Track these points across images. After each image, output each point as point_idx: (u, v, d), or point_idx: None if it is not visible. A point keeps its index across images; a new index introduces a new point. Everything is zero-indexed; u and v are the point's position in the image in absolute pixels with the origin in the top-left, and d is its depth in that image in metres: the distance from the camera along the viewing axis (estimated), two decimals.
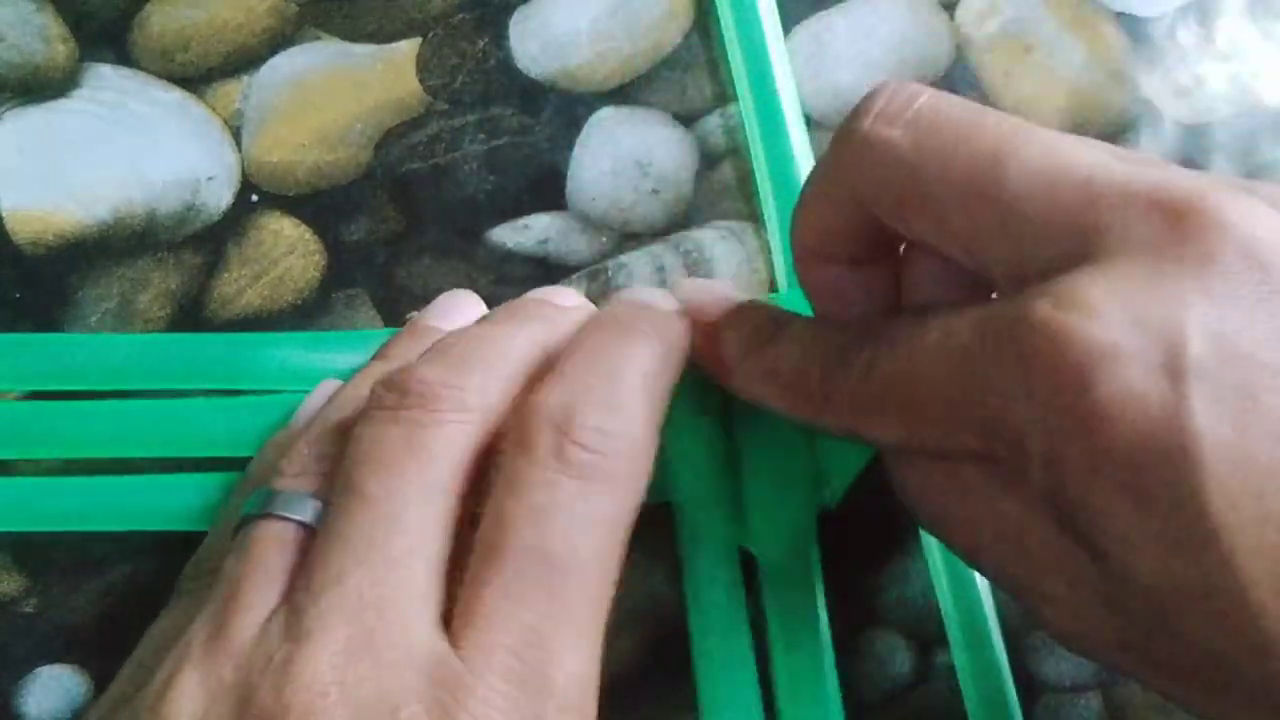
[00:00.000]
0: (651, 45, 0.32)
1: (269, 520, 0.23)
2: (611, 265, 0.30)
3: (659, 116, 0.32)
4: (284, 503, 0.23)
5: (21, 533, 0.28)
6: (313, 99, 0.32)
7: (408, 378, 0.23)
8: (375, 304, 0.30)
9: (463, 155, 0.31)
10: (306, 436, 0.25)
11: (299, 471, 0.24)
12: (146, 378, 0.29)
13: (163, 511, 0.28)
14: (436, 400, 0.23)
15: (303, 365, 0.29)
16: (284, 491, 0.23)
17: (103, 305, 0.30)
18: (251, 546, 0.23)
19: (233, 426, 0.29)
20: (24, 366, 0.29)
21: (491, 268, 0.30)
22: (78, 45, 0.32)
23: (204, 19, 0.33)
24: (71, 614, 0.28)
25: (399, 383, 0.23)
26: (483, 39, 0.32)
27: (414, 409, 0.23)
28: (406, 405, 0.23)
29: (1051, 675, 0.28)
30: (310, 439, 0.25)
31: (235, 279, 0.30)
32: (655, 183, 0.31)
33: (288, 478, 0.24)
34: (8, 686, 0.28)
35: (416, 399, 0.23)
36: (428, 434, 0.23)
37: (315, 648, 0.21)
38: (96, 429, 0.29)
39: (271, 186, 0.31)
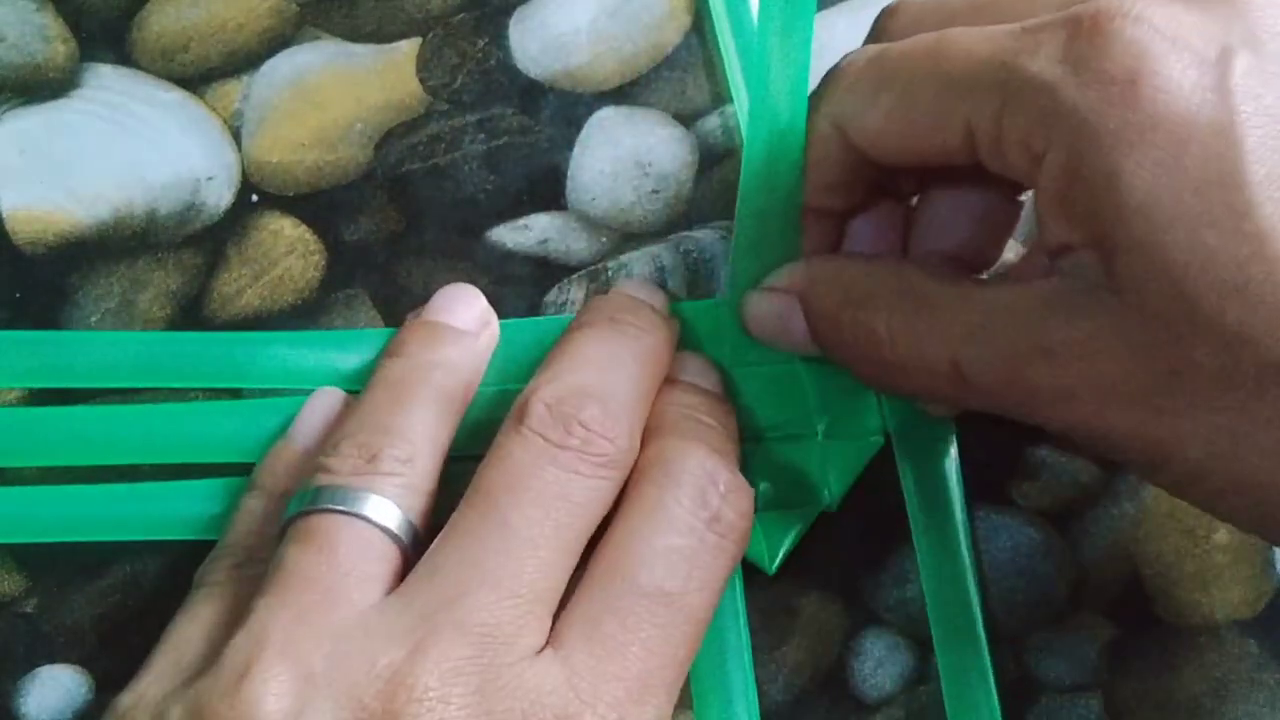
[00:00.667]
0: (651, 45, 0.32)
1: (345, 518, 0.23)
2: (611, 265, 0.31)
3: (659, 116, 0.32)
4: (359, 502, 0.23)
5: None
6: (313, 99, 0.32)
7: (571, 413, 0.24)
8: (375, 304, 0.30)
9: (463, 155, 0.31)
10: (351, 426, 0.25)
11: (355, 468, 0.24)
12: (147, 376, 0.29)
13: (163, 520, 0.28)
14: (595, 448, 0.24)
15: (303, 364, 0.29)
16: (358, 491, 0.24)
17: (103, 305, 0.30)
18: (329, 542, 0.23)
19: (233, 431, 0.29)
20: (24, 363, 0.29)
21: (491, 268, 0.30)
22: (78, 45, 0.32)
23: (204, 19, 0.33)
24: (71, 614, 0.28)
25: (563, 414, 0.24)
26: (483, 39, 0.32)
27: (572, 451, 0.23)
28: (567, 446, 0.23)
29: (1051, 675, 0.28)
30: (355, 429, 0.25)
31: (235, 279, 0.31)
32: (655, 183, 0.31)
33: (348, 475, 0.24)
34: (8, 686, 0.28)
35: (578, 443, 0.24)
36: (584, 486, 0.23)
37: (428, 662, 0.21)
38: (96, 435, 0.29)
39: (271, 186, 0.31)
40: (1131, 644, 0.28)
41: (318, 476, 0.24)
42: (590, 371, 0.25)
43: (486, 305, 0.28)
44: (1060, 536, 0.28)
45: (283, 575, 0.23)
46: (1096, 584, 0.28)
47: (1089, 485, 0.29)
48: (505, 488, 0.23)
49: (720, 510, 0.24)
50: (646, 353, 0.26)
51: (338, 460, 0.24)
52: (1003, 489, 0.29)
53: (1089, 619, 0.28)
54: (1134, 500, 0.29)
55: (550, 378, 0.25)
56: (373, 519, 0.23)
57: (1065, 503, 0.29)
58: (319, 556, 0.23)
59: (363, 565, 0.23)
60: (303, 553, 0.23)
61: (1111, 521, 0.29)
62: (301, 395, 0.28)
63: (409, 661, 0.21)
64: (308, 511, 0.24)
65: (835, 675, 0.28)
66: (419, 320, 0.28)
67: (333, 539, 0.23)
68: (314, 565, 0.23)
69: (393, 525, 0.23)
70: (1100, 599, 0.28)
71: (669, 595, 0.23)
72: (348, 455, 0.24)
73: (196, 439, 0.29)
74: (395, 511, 0.24)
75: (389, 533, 0.23)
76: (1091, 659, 0.28)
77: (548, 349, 0.27)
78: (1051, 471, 0.29)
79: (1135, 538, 0.28)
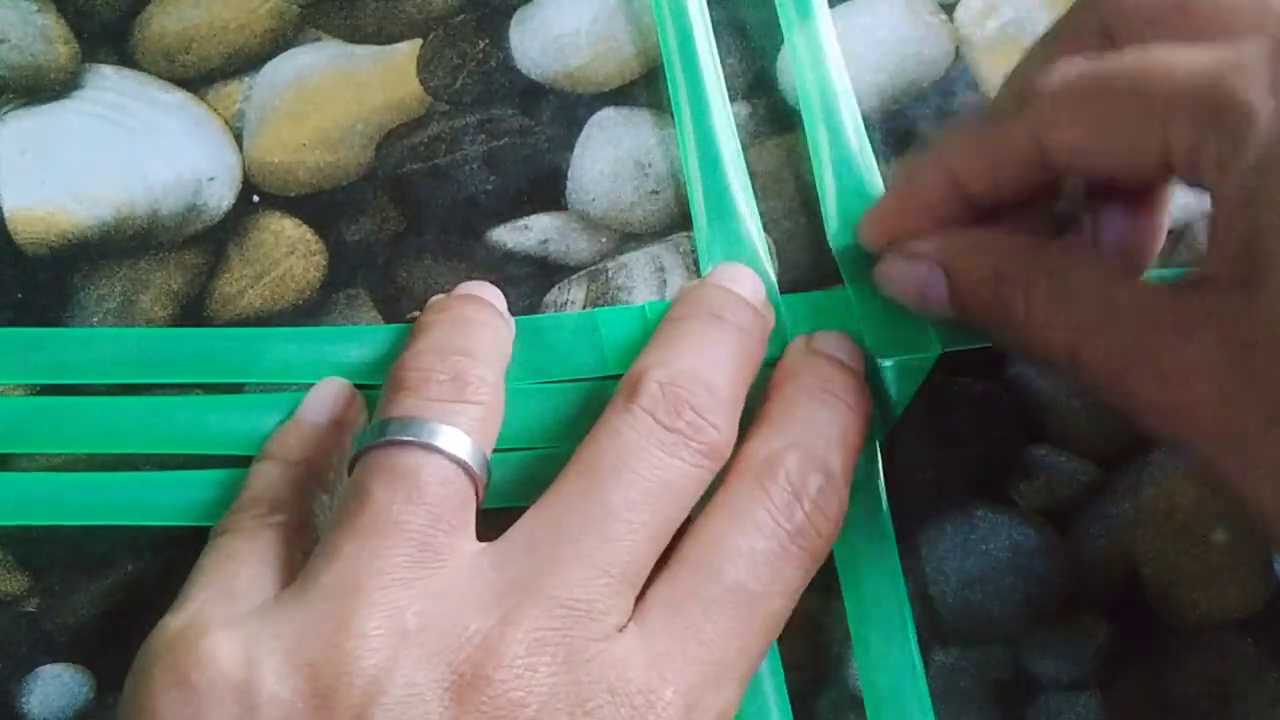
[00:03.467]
0: (651, 45, 0.32)
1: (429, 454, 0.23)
2: (611, 265, 0.31)
3: (659, 116, 0.32)
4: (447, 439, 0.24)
5: (24, 533, 0.29)
6: (314, 100, 0.32)
7: (683, 395, 0.24)
8: (376, 304, 0.30)
9: (463, 156, 0.32)
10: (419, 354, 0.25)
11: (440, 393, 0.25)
12: (149, 372, 0.29)
13: (165, 506, 0.28)
14: (701, 434, 0.24)
15: (304, 359, 0.29)
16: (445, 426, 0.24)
17: (104, 305, 0.30)
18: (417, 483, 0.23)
19: (235, 423, 0.29)
20: (26, 360, 0.29)
21: (491, 268, 0.30)
22: (79, 46, 0.32)
23: (205, 20, 0.33)
24: (74, 613, 0.28)
25: (674, 395, 0.24)
26: (483, 40, 0.33)
27: (679, 435, 0.24)
28: (675, 429, 0.24)
29: (1050, 674, 0.28)
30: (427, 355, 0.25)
31: (236, 279, 0.31)
32: (655, 183, 0.31)
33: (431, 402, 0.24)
34: (11, 685, 0.28)
35: (688, 427, 0.24)
36: (684, 472, 0.24)
37: (518, 631, 0.22)
38: (100, 425, 0.29)
39: (272, 187, 0.31)
40: (1130, 644, 0.28)
41: (395, 404, 0.24)
42: (698, 360, 0.25)
43: (505, 303, 0.29)
44: (1060, 536, 0.28)
45: (370, 514, 0.23)
46: (1096, 584, 0.28)
47: (1089, 485, 0.29)
48: (611, 466, 0.24)
49: (804, 526, 0.24)
50: (745, 349, 0.26)
51: (418, 388, 0.25)
52: (1003, 489, 0.29)
53: (1088, 619, 0.28)
54: (1133, 500, 0.29)
55: (661, 360, 0.25)
56: (456, 455, 0.24)
57: (1065, 502, 0.29)
58: (407, 499, 0.23)
59: (450, 512, 0.23)
60: (388, 491, 0.23)
61: (1111, 521, 0.29)
62: (302, 390, 0.29)
63: (499, 629, 0.22)
64: (389, 442, 0.24)
65: (835, 675, 0.28)
66: (453, 294, 0.28)
67: (420, 479, 0.23)
68: (403, 509, 0.23)
69: (473, 462, 0.24)
70: (1099, 599, 0.28)
71: (750, 594, 0.23)
72: (431, 381, 0.25)
73: (197, 431, 0.29)
74: (473, 446, 0.24)
75: (469, 470, 0.24)
76: (1090, 658, 0.28)
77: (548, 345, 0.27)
78: (1051, 471, 0.29)
79: (1135, 538, 0.28)
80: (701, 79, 0.31)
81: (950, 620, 0.28)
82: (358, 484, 0.24)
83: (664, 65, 0.32)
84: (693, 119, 0.31)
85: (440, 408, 0.24)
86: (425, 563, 0.22)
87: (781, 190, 0.31)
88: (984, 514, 0.29)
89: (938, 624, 0.28)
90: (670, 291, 0.30)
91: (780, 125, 0.32)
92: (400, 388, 0.25)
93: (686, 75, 0.31)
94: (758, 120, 0.32)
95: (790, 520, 0.24)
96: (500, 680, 0.21)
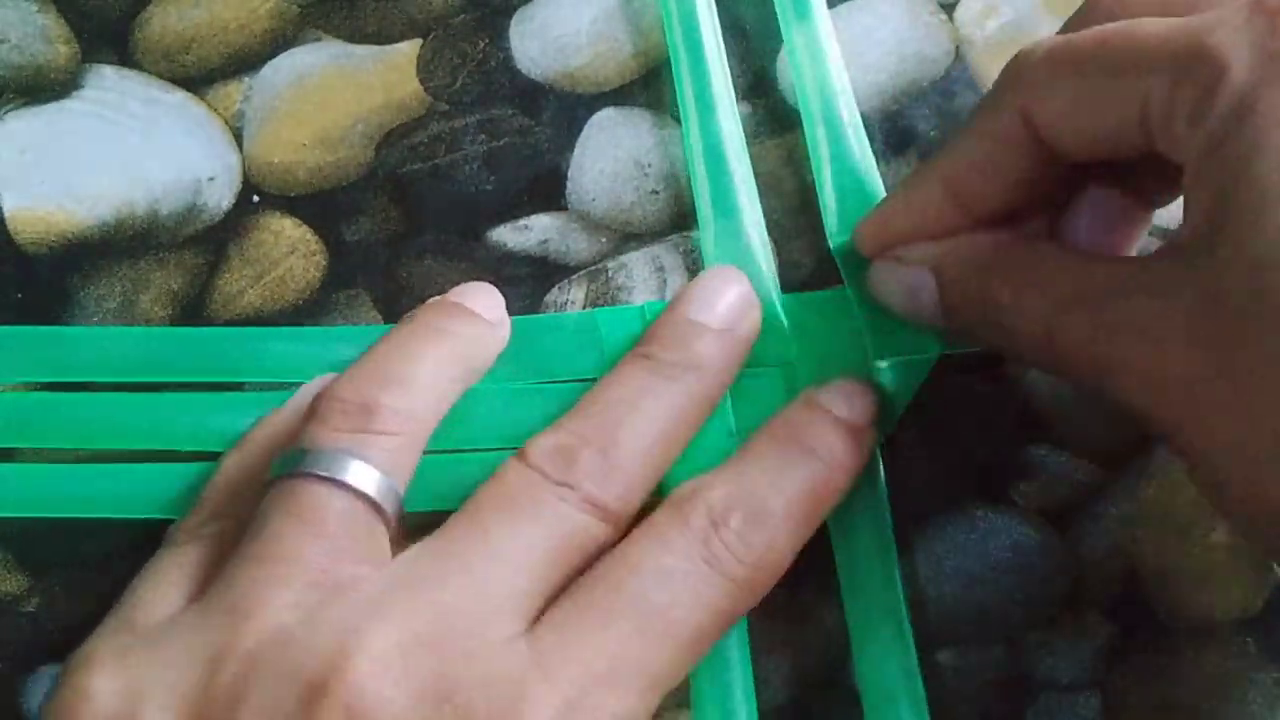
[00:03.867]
0: (651, 45, 0.32)
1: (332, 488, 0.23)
2: (611, 265, 0.31)
3: (659, 117, 0.32)
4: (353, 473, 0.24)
5: (24, 533, 0.29)
6: (314, 100, 0.32)
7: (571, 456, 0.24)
8: (376, 304, 0.30)
9: (463, 156, 0.32)
10: (347, 381, 0.25)
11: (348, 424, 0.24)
12: (150, 370, 0.29)
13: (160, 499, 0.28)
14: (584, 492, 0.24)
15: (304, 358, 0.29)
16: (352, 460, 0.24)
17: (104, 305, 0.30)
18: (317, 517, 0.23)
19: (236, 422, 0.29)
20: (26, 359, 0.29)
21: (491, 268, 0.30)
22: (79, 46, 0.32)
23: (205, 20, 0.33)
24: (74, 613, 0.28)
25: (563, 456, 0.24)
26: (483, 40, 0.33)
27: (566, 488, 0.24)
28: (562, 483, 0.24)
29: (1050, 674, 0.28)
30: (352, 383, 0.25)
31: (236, 279, 0.31)
32: (655, 183, 0.31)
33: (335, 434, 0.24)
34: (10, 685, 0.28)
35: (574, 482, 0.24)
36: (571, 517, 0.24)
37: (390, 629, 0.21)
38: (101, 421, 0.29)
39: (273, 187, 0.31)
40: (1131, 643, 0.28)
41: (307, 435, 0.24)
42: (605, 416, 0.25)
43: (503, 305, 0.29)
44: (1060, 536, 0.28)
45: (269, 546, 0.23)
46: (1096, 583, 0.28)
47: (1089, 485, 0.29)
48: (494, 506, 0.24)
49: (720, 551, 0.24)
50: (675, 400, 0.26)
51: (327, 418, 0.24)
52: (1003, 489, 0.29)
53: (1088, 619, 0.28)
54: (1133, 500, 0.29)
55: (562, 423, 0.26)
56: (361, 489, 0.23)
57: (1065, 502, 0.29)
58: (305, 533, 0.23)
59: (353, 544, 0.23)
60: (289, 525, 0.23)
61: (1111, 521, 0.29)
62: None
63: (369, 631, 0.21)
64: (295, 474, 0.24)
65: (835, 675, 0.28)
66: (435, 300, 0.28)
67: (321, 513, 0.23)
68: (302, 543, 0.23)
69: (378, 496, 0.24)
70: (1100, 599, 0.28)
71: (653, 605, 0.23)
72: (338, 412, 0.24)
73: (199, 429, 0.29)
74: (380, 480, 0.24)
75: (373, 504, 0.24)
76: (1090, 658, 0.28)
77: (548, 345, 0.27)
78: (1051, 471, 0.29)
79: (1135, 537, 0.28)
80: (708, 77, 0.31)
81: (950, 620, 0.28)
82: (262, 515, 0.24)
83: (670, 63, 0.31)
84: (699, 118, 0.31)
85: (350, 439, 0.24)
86: (323, 588, 0.22)
87: (781, 190, 0.31)
88: (984, 514, 0.29)
89: (938, 624, 0.28)
90: (670, 291, 0.30)
91: (780, 125, 0.32)
92: (313, 416, 0.25)
93: (693, 73, 0.31)
94: (758, 120, 0.32)
95: (705, 544, 0.24)
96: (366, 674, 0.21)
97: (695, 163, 0.30)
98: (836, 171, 0.30)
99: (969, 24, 0.33)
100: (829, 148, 0.30)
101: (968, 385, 0.29)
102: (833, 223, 0.29)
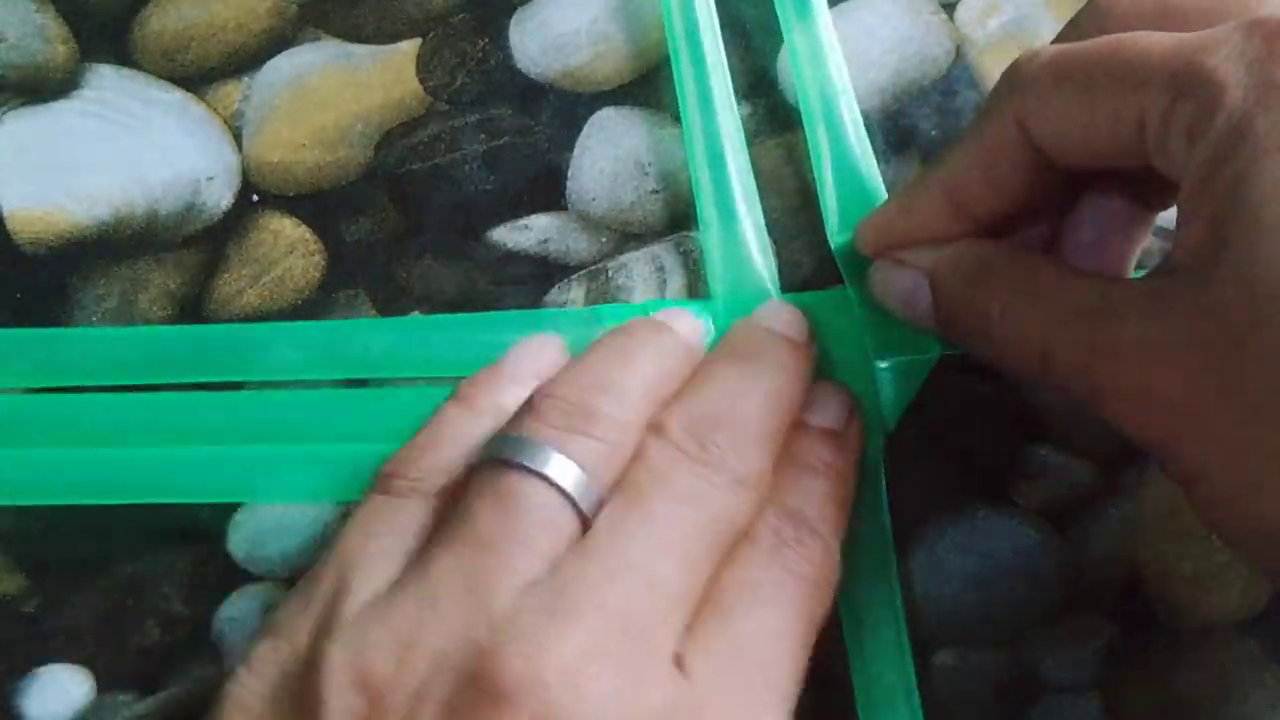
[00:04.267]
0: (652, 45, 0.32)
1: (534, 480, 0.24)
2: (611, 265, 0.31)
3: (659, 117, 0.32)
4: (555, 467, 0.24)
5: (24, 533, 0.29)
6: (313, 99, 0.32)
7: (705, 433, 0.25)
8: (375, 304, 0.30)
9: (463, 155, 0.31)
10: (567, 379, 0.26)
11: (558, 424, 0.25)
12: (149, 372, 0.29)
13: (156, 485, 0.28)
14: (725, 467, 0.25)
15: (305, 357, 0.29)
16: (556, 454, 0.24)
17: (103, 305, 0.30)
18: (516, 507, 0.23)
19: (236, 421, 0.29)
20: (26, 363, 0.29)
21: (491, 268, 0.30)
22: (78, 45, 0.32)
23: (204, 19, 0.33)
24: (72, 614, 0.28)
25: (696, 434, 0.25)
26: (483, 39, 0.32)
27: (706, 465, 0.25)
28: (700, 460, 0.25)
29: (1051, 675, 0.28)
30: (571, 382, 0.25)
31: (235, 279, 0.31)
32: (655, 183, 0.31)
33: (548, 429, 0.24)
34: (9, 686, 0.28)
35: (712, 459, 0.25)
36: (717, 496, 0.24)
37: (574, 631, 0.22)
38: (100, 421, 0.29)
39: (272, 186, 0.31)
40: (1131, 644, 0.28)
41: (522, 422, 0.25)
42: (722, 402, 0.26)
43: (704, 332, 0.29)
44: (1060, 536, 0.28)
45: (466, 532, 0.23)
46: (1096, 584, 0.28)
47: (1089, 485, 0.29)
48: (650, 481, 0.24)
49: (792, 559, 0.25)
50: (776, 390, 0.27)
51: (544, 414, 0.25)
52: (1003, 489, 0.29)
53: (1089, 619, 0.28)
54: (1134, 500, 0.29)
55: (684, 403, 0.26)
56: (561, 484, 0.24)
57: (1065, 503, 0.29)
58: (504, 522, 0.23)
59: (545, 539, 0.23)
60: (487, 512, 0.23)
61: (1111, 521, 0.29)
62: (302, 389, 0.29)
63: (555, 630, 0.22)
64: (499, 461, 0.24)
65: (834, 675, 0.28)
66: (643, 319, 0.28)
67: (519, 504, 0.23)
68: (498, 531, 0.23)
69: (576, 494, 0.24)
70: (1100, 599, 0.28)
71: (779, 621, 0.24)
72: (558, 410, 0.25)
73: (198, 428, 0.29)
74: (581, 478, 0.24)
75: (572, 501, 0.24)
76: (1091, 659, 0.28)
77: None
78: (1051, 471, 0.29)
79: (1135, 538, 0.28)
80: (709, 76, 0.31)
81: (951, 621, 0.28)
82: (465, 500, 0.24)
83: (671, 62, 0.31)
84: (700, 117, 0.31)
85: (558, 435, 0.24)
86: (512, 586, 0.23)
87: (782, 190, 0.31)
88: (984, 514, 0.29)
89: (938, 625, 0.28)
90: (670, 291, 0.30)
91: (780, 124, 0.32)
92: (530, 408, 0.25)
93: (695, 72, 0.31)
94: (758, 120, 0.32)
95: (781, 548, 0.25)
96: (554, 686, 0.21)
97: (696, 162, 0.30)
98: (837, 170, 0.30)
99: (970, 23, 0.33)
100: (830, 147, 0.30)
101: (968, 385, 0.29)
102: (834, 222, 0.29)
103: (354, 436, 0.29)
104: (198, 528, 0.29)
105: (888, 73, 0.32)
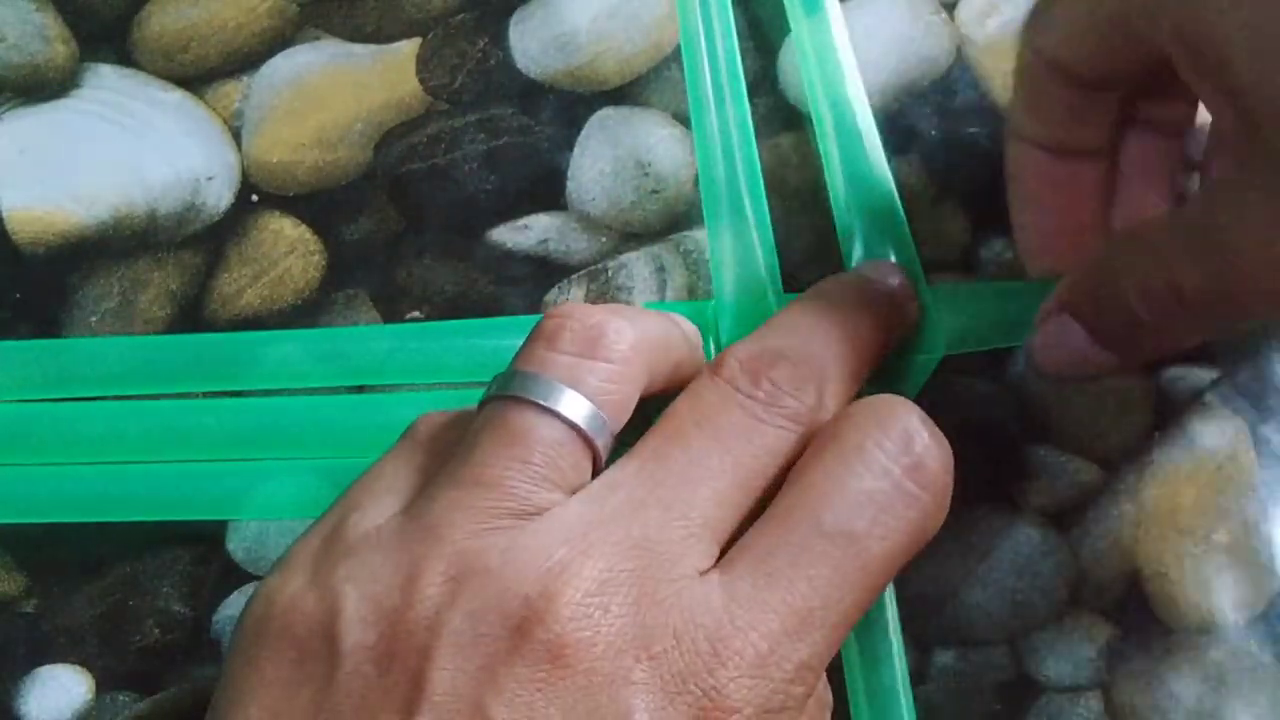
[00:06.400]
0: (651, 45, 0.32)
1: (543, 415, 0.23)
2: (611, 265, 0.31)
3: (659, 116, 0.32)
4: (566, 403, 0.23)
5: (23, 533, 0.29)
6: (313, 99, 0.32)
7: (762, 368, 0.24)
8: (375, 304, 0.30)
9: (463, 155, 0.31)
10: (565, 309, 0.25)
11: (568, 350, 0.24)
12: (147, 380, 0.29)
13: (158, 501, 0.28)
14: (780, 402, 0.24)
15: (304, 363, 0.29)
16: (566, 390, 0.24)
17: (103, 305, 0.30)
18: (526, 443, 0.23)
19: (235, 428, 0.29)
20: (26, 375, 0.29)
21: (491, 268, 0.30)
22: (78, 45, 0.32)
23: (204, 19, 0.33)
24: (72, 614, 0.28)
25: (752, 370, 0.24)
26: (483, 39, 0.32)
27: (758, 402, 0.24)
28: (753, 396, 0.24)
29: (1051, 675, 0.28)
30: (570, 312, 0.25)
31: (235, 279, 0.31)
32: (655, 183, 0.31)
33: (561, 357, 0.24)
34: (8, 686, 0.28)
35: (764, 395, 0.24)
36: (765, 431, 0.24)
37: (585, 570, 0.21)
38: (100, 432, 0.29)
39: (271, 186, 0.31)
40: (1131, 644, 0.28)
41: (531, 354, 0.24)
42: (790, 338, 0.25)
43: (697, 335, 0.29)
44: (1060, 536, 0.28)
45: (475, 467, 0.23)
46: (1096, 584, 0.28)
47: (1089, 485, 0.29)
48: (693, 420, 0.24)
49: (922, 459, 0.23)
50: (854, 327, 0.26)
51: (552, 337, 0.24)
52: (1003, 489, 0.29)
53: (1089, 619, 0.28)
54: (1134, 500, 0.29)
55: (751, 340, 0.25)
56: (572, 419, 0.23)
57: (1065, 503, 0.29)
58: (513, 458, 0.23)
59: (557, 474, 0.23)
60: (496, 448, 0.23)
61: (1111, 521, 0.29)
62: (303, 395, 0.29)
63: (567, 568, 0.21)
64: (508, 397, 0.24)
65: (833, 675, 0.28)
66: None
67: (529, 440, 0.23)
68: (507, 468, 0.23)
69: (588, 427, 0.23)
70: (1100, 599, 0.28)
71: (850, 536, 0.22)
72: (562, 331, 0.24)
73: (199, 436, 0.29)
74: (592, 411, 0.24)
75: (584, 435, 0.23)
76: (1091, 659, 0.28)
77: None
78: (1051, 471, 0.29)
79: (1135, 538, 0.28)
80: (720, 74, 0.31)
81: (950, 621, 0.28)
82: (473, 434, 0.24)
83: (681, 60, 0.31)
84: (715, 113, 0.30)
85: (568, 366, 0.24)
86: (519, 516, 0.22)
87: (784, 189, 0.31)
88: (984, 514, 0.29)
89: (938, 625, 0.28)
90: (670, 292, 0.30)
91: (783, 123, 0.32)
92: (538, 335, 0.25)
93: (710, 68, 0.31)
94: (758, 120, 0.32)
95: (908, 453, 0.23)
96: (567, 618, 0.21)
97: (709, 159, 0.30)
98: (846, 161, 0.30)
99: (970, 23, 0.33)
100: (839, 145, 0.30)
101: (968, 385, 0.29)
102: (843, 220, 0.29)
103: (354, 446, 0.29)
104: (197, 528, 0.29)
105: (888, 72, 0.32)
